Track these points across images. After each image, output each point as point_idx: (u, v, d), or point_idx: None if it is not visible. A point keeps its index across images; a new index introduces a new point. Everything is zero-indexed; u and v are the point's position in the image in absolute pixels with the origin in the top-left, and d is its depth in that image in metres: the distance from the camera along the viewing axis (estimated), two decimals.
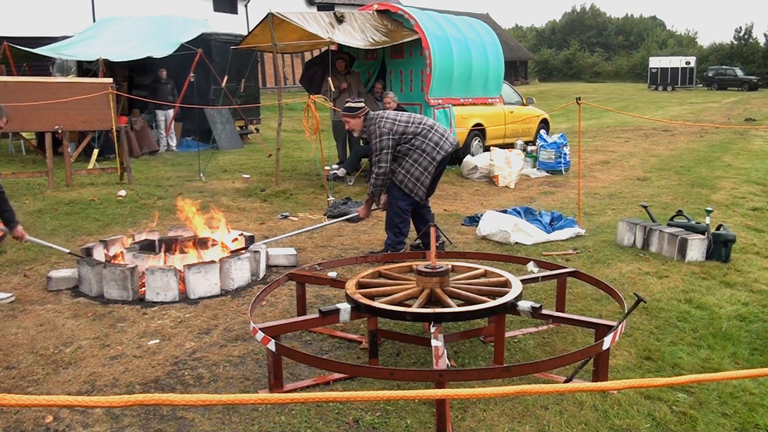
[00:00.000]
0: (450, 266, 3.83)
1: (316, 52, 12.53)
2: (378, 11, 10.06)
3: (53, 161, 8.87)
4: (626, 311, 3.34)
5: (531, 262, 4.63)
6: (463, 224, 7.04)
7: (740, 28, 54.40)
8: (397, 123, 5.48)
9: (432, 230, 4.04)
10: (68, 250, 5.36)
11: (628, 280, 5.03)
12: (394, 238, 5.63)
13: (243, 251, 5.12)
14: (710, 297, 4.62)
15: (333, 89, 9.38)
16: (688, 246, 5.47)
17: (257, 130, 15.30)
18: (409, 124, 5.49)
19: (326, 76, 9.32)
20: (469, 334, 3.84)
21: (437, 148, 5.46)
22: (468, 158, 10.22)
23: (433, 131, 5.52)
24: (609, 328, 3.26)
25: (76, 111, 8.81)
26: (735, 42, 53.17)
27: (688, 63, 43.60)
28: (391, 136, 5.43)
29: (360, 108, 5.55)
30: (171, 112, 13.46)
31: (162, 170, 10.92)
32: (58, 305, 4.56)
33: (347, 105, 5.60)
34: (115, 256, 5.16)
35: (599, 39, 64.39)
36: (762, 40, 52.45)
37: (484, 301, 3.43)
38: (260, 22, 9.32)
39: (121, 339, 3.98)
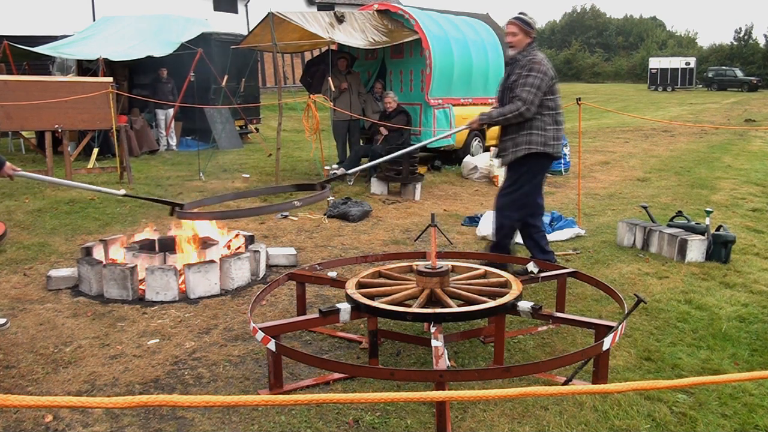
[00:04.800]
0: (450, 266, 3.84)
1: (316, 52, 12.53)
2: (378, 11, 10.06)
3: (53, 160, 8.87)
4: (626, 312, 3.34)
5: (531, 263, 4.63)
6: (463, 224, 7.04)
7: (740, 28, 54.59)
8: (554, 81, 4.78)
9: (432, 230, 4.04)
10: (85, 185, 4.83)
11: (628, 280, 5.03)
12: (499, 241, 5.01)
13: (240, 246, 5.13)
14: (710, 298, 4.62)
15: (333, 89, 9.38)
16: (688, 247, 5.48)
17: (257, 129, 15.31)
18: (557, 97, 4.83)
19: (326, 76, 9.32)
20: (469, 335, 3.84)
21: (556, 142, 4.81)
22: (468, 158, 10.23)
23: (562, 126, 4.86)
24: (609, 329, 3.26)
25: (76, 110, 8.81)
26: (735, 43, 53.27)
27: (687, 64, 43.65)
28: (547, 84, 4.68)
29: (534, 30, 4.82)
30: (171, 112, 13.46)
31: (162, 169, 10.92)
32: (57, 304, 4.55)
33: (526, 18, 4.80)
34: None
35: (599, 39, 64.43)
36: (762, 41, 52.60)
37: (484, 302, 3.43)
38: (260, 22, 9.32)
39: (120, 338, 3.98)
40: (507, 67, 4.94)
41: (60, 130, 8.87)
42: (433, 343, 3.15)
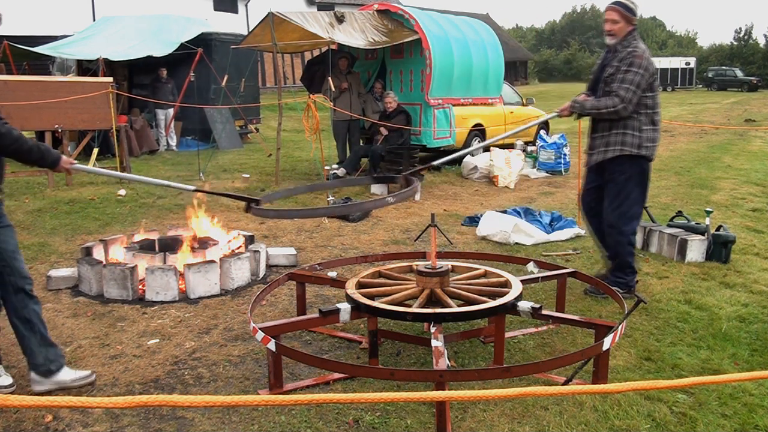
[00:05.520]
0: (450, 266, 3.84)
1: (316, 52, 12.54)
2: (378, 11, 10.06)
3: None
4: (626, 312, 3.34)
5: (531, 263, 4.63)
6: (463, 224, 7.03)
7: (740, 28, 54.67)
8: (654, 77, 4.38)
9: (432, 230, 4.04)
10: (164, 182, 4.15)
11: None
12: (626, 277, 4.61)
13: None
14: (710, 298, 4.62)
15: (333, 89, 9.38)
16: (688, 247, 5.47)
17: (257, 129, 15.31)
18: (656, 95, 4.44)
19: (327, 76, 9.33)
20: (469, 335, 3.84)
21: (652, 144, 4.42)
22: (468, 158, 10.22)
23: (658, 126, 4.46)
24: (609, 329, 3.27)
25: (76, 110, 8.81)
26: (735, 43, 53.30)
27: (687, 64, 43.66)
28: (647, 81, 4.28)
29: (637, 16, 4.41)
30: (171, 112, 13.46)
31: (162, 169, 10.92)
32: (57, 304, 4.55)
33: (628, 3, 4.36)
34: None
35: (599, 39, 64.34)
36: (762, 41, 52.67)
37: (484, 302, 3.43)
38: (260, 22, 9.33)
39: (120, 338, 3.98)
40: (603, 55, 4.61)
41: (60, 130, 8.86)
42: (433, 343, 3.15)
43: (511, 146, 11.31)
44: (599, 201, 4.71)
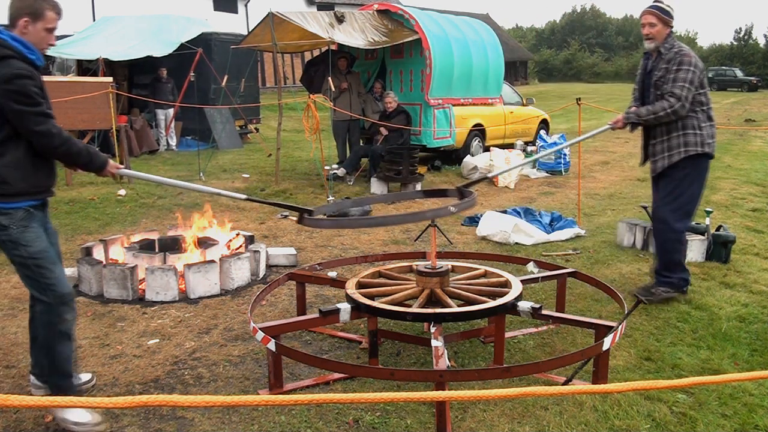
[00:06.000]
0: (450, 266, 3.84)
1: (316, 52, 12.54)
2: (378, 11, 10.07)
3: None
4: (626, 312, 3.34)
5: (531, 263, 4.63)
6: (463, 224, 7.04)
7: (740, 28, 54.73)
8: (704, 74, 4.37)
9: (432, 230, 4.04)
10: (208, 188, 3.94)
11: (628, 280, 5.03)
12: (674, 275, 4.48)
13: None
14: (710, 298, 4.62)
15: (333, 89, 9.38)
16: (688, 247, 5.46)
17: (257, 129, 15.31)
18: (707, 91, 4.42)
19: (326, 76, 9.33)
20: (469, 335, 3.84)
21: (712, 140, 4.39)
22: (468, 158, 10.23)
23: (714, 121, 4.43)
24: (609, 329, 3.27)
25: (76, 110, 8.80)
26: (735, 43, 53.30)
27: None
28: (699, 78, 4.26)
29: (674, 18, 4.38)
30: (171, 112, 13.46)
31: (162, 169, 10.92)
32: None
33: (665, 6, 4.35)
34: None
35: (599, 39, 64.38)
36: (762, 41, 52.68)
37: (484, 302, 3.43)
38: (260, 22, 9.33)
39: (120, 338, 3.98)
40: (643, 62, 4.57)
41: None
42: (433, 343, 3.15)
43: (511, 146, 11.32)
44: None
